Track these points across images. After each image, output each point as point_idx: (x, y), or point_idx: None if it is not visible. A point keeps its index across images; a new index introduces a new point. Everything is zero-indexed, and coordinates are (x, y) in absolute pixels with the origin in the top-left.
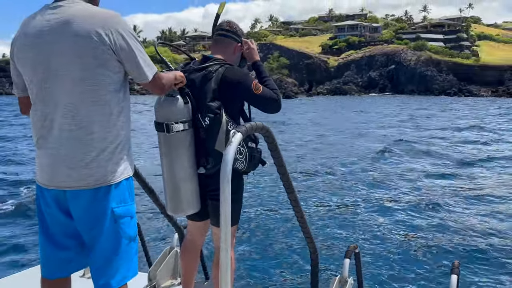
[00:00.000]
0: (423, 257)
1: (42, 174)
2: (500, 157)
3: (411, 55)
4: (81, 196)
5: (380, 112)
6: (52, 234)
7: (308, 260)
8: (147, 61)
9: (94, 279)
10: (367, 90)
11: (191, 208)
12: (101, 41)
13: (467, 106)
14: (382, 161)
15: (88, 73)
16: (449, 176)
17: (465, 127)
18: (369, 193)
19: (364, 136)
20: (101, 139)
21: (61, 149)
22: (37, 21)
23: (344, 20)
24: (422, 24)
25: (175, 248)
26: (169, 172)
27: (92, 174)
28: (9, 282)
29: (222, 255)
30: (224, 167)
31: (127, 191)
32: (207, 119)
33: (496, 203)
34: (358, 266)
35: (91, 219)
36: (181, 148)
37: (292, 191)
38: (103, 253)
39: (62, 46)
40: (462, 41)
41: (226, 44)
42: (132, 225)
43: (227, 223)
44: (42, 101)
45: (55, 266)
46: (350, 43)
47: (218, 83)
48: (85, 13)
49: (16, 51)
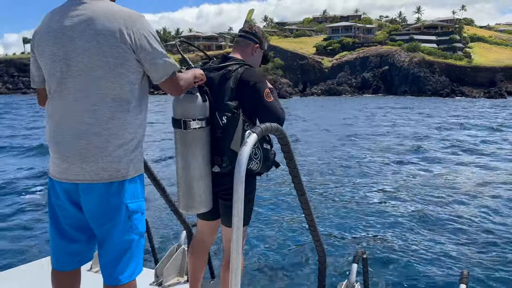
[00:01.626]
0: (431, 265)
1: (55, 167)
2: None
3: (404, 56)
4: (94, 190)
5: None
6: (63, 227)
7: (315, 263)
8: (167, 61)
9: (103, 273)
10: (360, 91)
11: (204, 207)
12: (122, 40)
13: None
14: (394, 166)
15: (108, 71)
16: (461, 183)
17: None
18: (379, 199)
19: (376, 138)
20: (118, 135)
21: (77, 143)
22: (60, 16)
23: (338, 21)
24: (415, 25)
25: (183, 246)
26: (184, 170)
27: (106, 168)
28: (19, 272)
29: (233, 256)
30: (238, 167)
31: (139, 187)
32: (224, 118)
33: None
34: (365, 272)
35: (105, 213)
36: (197, 146)
37: (303, 193)
38: (114, 248)
39: (84, 43)
40: (455, 43)
41: (244, 45)
42: (142, 221)
43: (239, 224)
44: (60, 95)
45: (65, 258)
46: (344, 44)
47: (236, 83)
48: (108, 11)
49: (37, 44)
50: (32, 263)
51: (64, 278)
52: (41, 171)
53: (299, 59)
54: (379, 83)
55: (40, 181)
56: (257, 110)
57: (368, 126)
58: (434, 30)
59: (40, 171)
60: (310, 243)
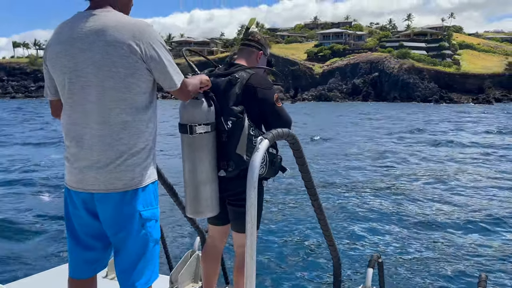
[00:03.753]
0: (448, 268)
1: (71, 177)
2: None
3: (394, 63)
4: (109, 199)
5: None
6: (79, 235)
7: (330, 268)
8: (176, 69)
9: (120, 280)
10: (351, 97)
11: (210, 211)
12: (132, 51)
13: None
14: (407, 167)
15: (119, 81)
16: (479, 187)
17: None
18: (394, 202)
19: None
20: (130, 145)
21: (91, 153)
22: (70, 28)
23: (329, 28)
24: (405, 32)
25: (197, 252)
26: (191, 174)
27: (120, 178)
28: (37, 280)
29: (247, 262)
30: (251, 173)
31: (152, 194)
32: (229, 122)
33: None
34: (381, 276)
35: (119, 221)
36: (203, 150)
37: (317, 198)
38: (130, 256)
39: (94, 55)
40: (444, 50)
41: (249, 52)
42: (157, 228)
43: (253, 230)
44: (72, 106)
45: (82, 267)
46: (335, 51)
47: (242, 89)
48: (118, 23)
49: (49, 57)
50: (51, 270)
51: (80, 286)
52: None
53: (290, 65)
54: (369, 89)
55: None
56: (267, 116)
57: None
58: (424, 37)
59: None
60: (325, 248)
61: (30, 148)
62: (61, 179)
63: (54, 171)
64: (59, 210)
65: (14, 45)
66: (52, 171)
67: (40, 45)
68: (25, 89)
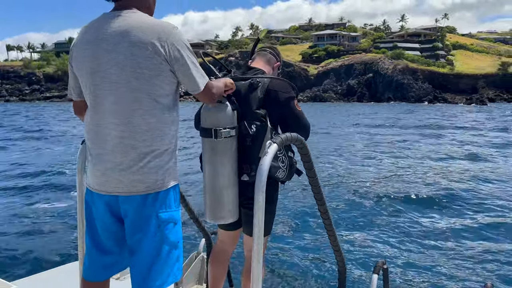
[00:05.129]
0: (453, 276)
1: (94, 179)
2: None
3: (388, 63)
4: (132, 201)
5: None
6: (100, 239)
7: (335, 273)
8: (200, 71)
9: (133, 282)
10: (346, 98)
11: (231, 216)
12: (156, 52)
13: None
14: (415, 172)
15: (143, 82)
16: (489, 192)
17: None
18: (399, 206)
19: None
20: (153, 147)
21: (114, 155)
22: (96, 29)
23: (324, 29)
24: (399, 33)
25: (202, 254)
26: (212, 179)
27: (143, 180)
28: (46, 277)
29: (254, 265)
30: (259, 177)
31: (173, 197)
32: (253, 127)
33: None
34: (385, 282)
35: (137, 223)
36: (226, 155)
37: (323, 203)
38: (145, 258)
39: (118, 56)
40: (438, 50)
41: (269, 59)
42: (175, 232)
43: (260, 233)
44: (95, 107)
45: (99, 270)
46: (330, 52)
47: (264, 93)
48: (143, 24)
49: (74, 57)
50: (59, 268)
51: (94, 286)
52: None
53: (285, 66)
54: (364, 90)
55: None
56: (287, 119)
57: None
58: (417, 38)
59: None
60: (330, 253)
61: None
62: (72, 176)
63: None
64: (69, 208)
65: (8, 48)
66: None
67: (34, 48)
68: (19, 92)
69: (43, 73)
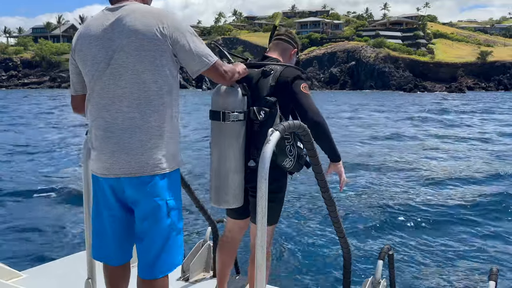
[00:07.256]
0: (459, 261)
1: (101, 164)
2: None
3: (370, 52)
4: (137, 182)
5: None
6: (106, 224)
7: (340, 259)
8: (206, 50)
9: (140, 267)
10: (328, 86)
11: (236, 202)
12: (160, 33)
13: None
14: (421, 158)
15: (148, 64)
16: (495, 178)
17: None
18: (405, 192)
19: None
20: (159, 128)
21: (122, 137)
22: (99, 21)
23: (307, 17)
24: (381, 21)
25: (208, 241)
26: (219, 162)
27: (148, 161)
28: (55, 266)
29: (258, 253)
30: (262, 164)
31: (177, 182)
32: (262, 113)
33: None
34: (391, 268)
35: (146, 209)
36: (233, 138)
37: (327, 190)
38: (153, 244)
39: (122, 40)
40: (419, 39)
41: (284, 48)
42: (180, 217)
43: (263, 220)
44: (101, 94)
45: (117, 254)
46: (313, 40)
47: (276, 80)
48: (143, 8)
49: (78, 49)
50: (68, 257)
51: (114, 272)
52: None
53: None
54: (346, 78)
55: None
56: (296, 106)
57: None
58: (399, 26)
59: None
60: (335, 239)
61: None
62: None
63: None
64: (77, 196)
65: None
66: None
67: (10, 33)
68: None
69: (20, 58)
